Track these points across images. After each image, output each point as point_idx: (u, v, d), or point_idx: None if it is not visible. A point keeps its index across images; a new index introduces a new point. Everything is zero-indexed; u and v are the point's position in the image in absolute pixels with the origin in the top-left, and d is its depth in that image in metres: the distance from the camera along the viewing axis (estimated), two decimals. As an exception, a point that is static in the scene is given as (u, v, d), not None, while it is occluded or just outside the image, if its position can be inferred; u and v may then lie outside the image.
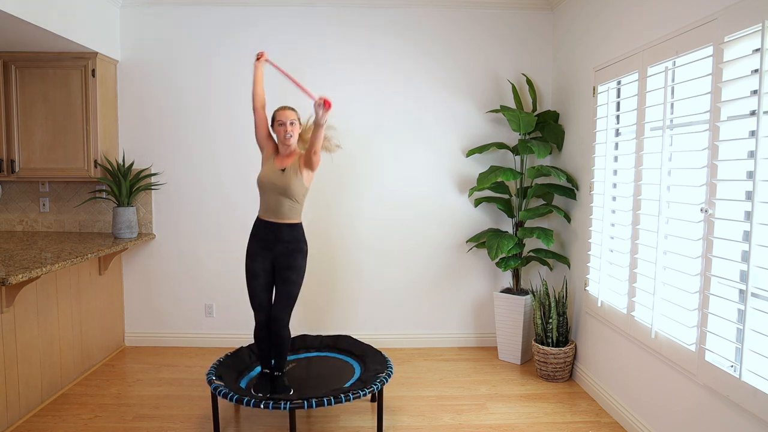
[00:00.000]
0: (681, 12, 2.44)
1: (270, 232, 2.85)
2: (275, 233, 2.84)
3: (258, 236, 2.89)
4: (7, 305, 2.77)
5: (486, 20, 4.06)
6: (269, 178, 2.83)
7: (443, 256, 4.18)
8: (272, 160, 2.89)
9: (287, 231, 2.85)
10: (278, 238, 2.84)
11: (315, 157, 2.78)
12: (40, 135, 3.75)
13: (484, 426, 2.95)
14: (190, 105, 4.04)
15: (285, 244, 2.85)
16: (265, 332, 2.91)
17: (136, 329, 4.19)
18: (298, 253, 2.87)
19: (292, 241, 2.86)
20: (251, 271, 2.87)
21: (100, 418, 3.01)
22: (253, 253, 2.89)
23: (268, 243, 2.86)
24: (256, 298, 2.89)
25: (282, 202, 2.82)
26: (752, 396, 1.96)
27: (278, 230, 2.84)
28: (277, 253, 2.85)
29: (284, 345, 2.89)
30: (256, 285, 2.88)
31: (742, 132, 2.13)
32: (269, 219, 2.86)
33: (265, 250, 2.87)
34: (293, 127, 2.84)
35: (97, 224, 4.13)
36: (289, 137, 2.83)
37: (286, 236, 2.85)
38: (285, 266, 2.84)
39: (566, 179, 3.66)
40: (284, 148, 2.89)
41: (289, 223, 2.86)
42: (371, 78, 4.05)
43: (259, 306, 2.89)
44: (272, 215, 2.85)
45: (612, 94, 3.15)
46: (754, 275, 1.99)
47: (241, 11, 3.99)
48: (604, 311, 3.16)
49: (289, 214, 2.85)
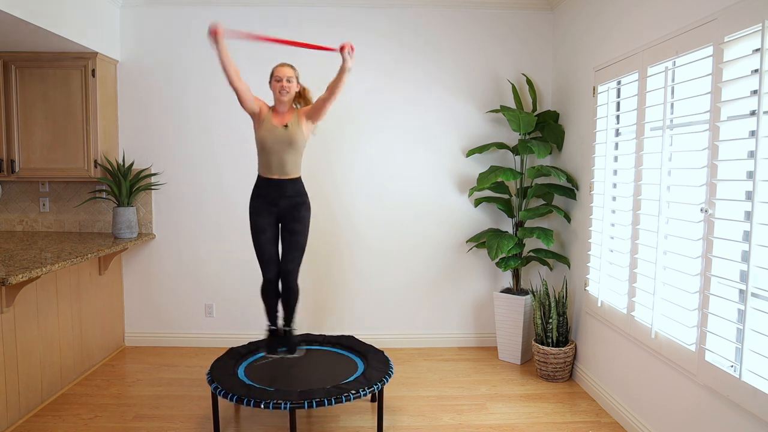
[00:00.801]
0: (681, 12, 2.44)
1: (274, 188, 2.90)
2: (280, 189, 2.90)
3: (262, 194, 2.93)
4: (7, 305, 2.77)
5: (486, 20, 4.06)
6: (273, 136, 2.85)
7: (443, 256, 4.18)
8: (269, 120, 2.88)
9: (291, 186, 2.91)
10: (282, 194, 2.90)
11: (328, 105, 2.82)
12: (40, 135, 3.75)
13: (484, 426, 2.96)
14: (190, 105, 4.04)
15: (289, 198, 2.91)
16: (272, 287, 2.98)
17: (136, 329, 4.19)
18: (302, 205, 2.95)
19: (295, 195, 2.93)
20: (258, 226, 2.93)
21: (100, 418, 3.01)
22: (258, 210, 2.94)
23: (273, 199, 2.91)
24: (265, 251, 2.94)
25: (286, 158, 2.87)
26: (752, 396, 1.96)
27: (282, 186, 2.90)
28: (282, 208, 2.92)
29: (294, 298, 2.97)
30: (263, 239, 2.93)
31: (742, 132, 2.13)
32: (273, 176, 2.90)
33: (271, 206, 2.92)
34: (290, 84, 2.87)
35: (97, 224, 4.13)
36: (284, 93, 2.85)
37: (290, 191, 2.91)
38: (291, 218, 2.92)
39: (566, 179, 3.66)
40: (281, 105, 2.90)
41: (292, 178, 2.92)
42: (371, 78, 4.04)
43: (267, 259, 2.95)
44: (276, 172, 2.89)
45: (612, 94, 3.15)
46: (754, 275, 1.99)
47: (241, 11, 3.99)
48: (604, 311, 3.16)
49: (292, 168, 2.91)
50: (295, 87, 2.91)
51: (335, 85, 2.79)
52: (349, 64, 2.74)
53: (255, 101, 2.90)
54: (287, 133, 2.85)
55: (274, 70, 2.91)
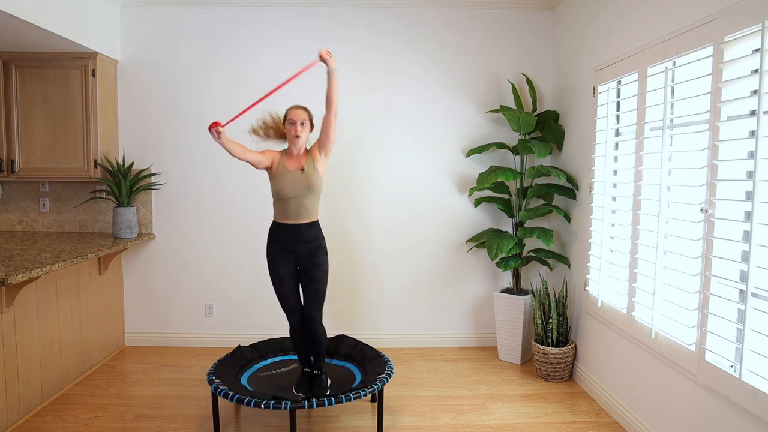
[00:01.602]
0: (681, 12, 2.44)
1: (290, 234, 2.85)
2: (295, 235, 2.84)
3: (278, 241, 2.88)
4: (7, 305, 2.77)
5: (486, 20, 4.06)
6: (290, 184, 2.80)
7: (443, 256, 4.18)
8: (284, 165, 2.84)
9: (306, 230, 2.86)
10: (299, 239, 2.85)
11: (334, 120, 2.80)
12: (40, 135, 3.75)
13: (484, 426, 2.95)
14: (190, 105, 4.04)
15: (306, 243, 2.86)
16: (300, 333, 2.97)
17: (136, 329, 4.19)
18: (319, 249, 2.89)
19: (312, 240, 2.87)
20: (277, 276, 2.89)
21: (100, 418, 3.01)
22: (275, 260, 2.88)
23: (289, 246, 2.86)
24: (287, 302, 2.92)
25: (304, 201, 2.83)
26: (752, 396, 1.96)
27: (298, 231, 2.84)
28: (299, 254, 2.86)
29: (321, 342, 2.94)
30: (284, 290, 2.90)
31: (742, 132, 2.13)
32: (289, 222, 2.85)
33: (288, 253, 2.87)
34: (303, 128, 2.83)
35: (97, 224, 4.13)
36: (299, 136, 2.82)
37: (306, 236, 2.86)
38: (310, 265, 2.87)
39: (566, 179, 3.66)
40: (294, 149, 2.87)
41: (308, 222, 2.87)
42: (371, 78, 4.05)
43: (291, 310, 2.93)
44: (293, 218, 2.84)
45: (612, 94, 3.15)
46: (754, 275, 1.99)
47: (241, 11, 3.99)
48: (604, 311, 3.16)
49: (310, 211, 2.86)
50: (308, 130, 2.87)
51: (330, 92, 2.77)
52: (333, 65, 2.75)
53: (265, 157, 2.85)
54: (304, 177, 2.80)
55: (288, 112, 2.86)
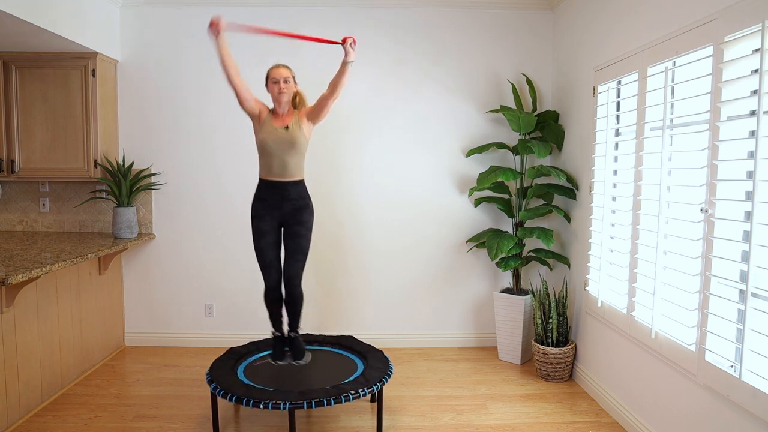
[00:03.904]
0: (681, 12, 2.44)
1: (277, 191, 2.85)
2: (282, 192, 2.85)
3: (264, 197, 2.89)
4: (7, 305, 2.77)
5: (486, 20, 4.06)
6: (274, 139, 2.81)
7: (443, 256, 4.18)
8: (269, 121, 2.85)
9: (293, 188, 2.87)
10: (285, 197, 2.85)
11: (330, 102, 2.78)
12: (40, 135, 3.75)
13: (484, 426, 2.95)
14: (190, 105, 4.05)
15: (292, 201, 2.86)
16: (276, 294, 2.93)
17: (136, 329, 4.19)
18: (305, 208, 2.89)
19: (298, 198, 2.88)
20: (259, 229, 2.88)
21: (100, 418, 3.01)
22: (260, 214, 2.89)
23: (275, 202, 2.86)
24: (266, 255, 2.89)
25: (288, 160, 2.83)
26: (752, 396, 1.96)
27: (285, 189, 2.85)
28: (284, 211, 2.87)
29: (299, 303, 2.92)
30: (264, 243, 2.88)
31: (742, 132, 2.13)
32: (274, 178, 2.85)
33: (273, 209, 2.87)
34: (287, 85, 2.82)
35: (97, 224, 4.13)
36: (283, 94, 2.81)
37: (293, 193, 2.86)
38: (294, 222, 2.87)
39: (566, 179, 3.66)
40: (279, 107, 2.86)
41: (295, 180, 2.87)
42: (371, 78, 4.04)
43: (268, 264, 2.89)
44: (278, 174, 2.84)
45: (612, 94, 3.15)
46: (754, 275, 1.99)
47: (241, 11, 3.98)
48: (604, 311, 3.16)
49: (295, 170, 2.86)
50: (292, 87, 2.87)
51: (337, 81, 2.77)
52: (351, 57, 2.72)
53: (255, 102, 2.86)
54: (288, 134, 2.81)
55: (269, 72, 2.86)
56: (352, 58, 2.73)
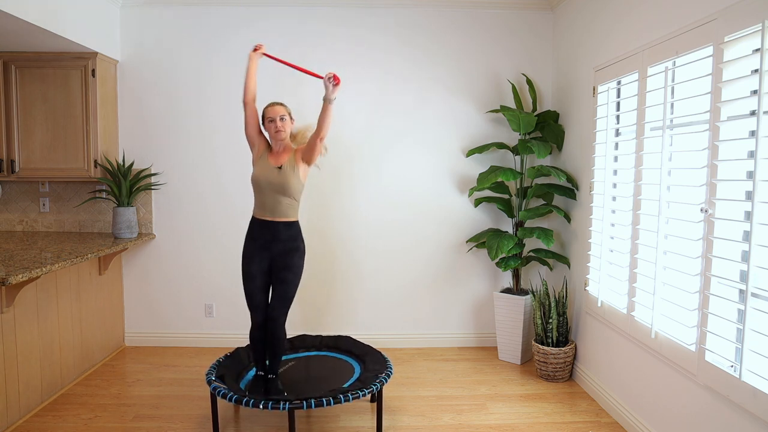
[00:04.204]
0: (681, 12, 2.44)
1: (267, 231, 2.81)
2: (272, 232, 2.81)
3: (254, 236, 2.85)
4: (7, 305, 2.77)
5: (486, 20, 4.06)
6: (266, 177, 2.79)
7: (443, 256, 4.18)
8: (266, 157, 2.84)
9: (284, 230, 2.82)
10: (275, 237, 2.81)
11: (320, 144, 2.75)
12: (40, 135, 3.75)
13: (484, 426, 2.95)
14: (190, 105, 4.04)
15: (282, 243, 2.81)
16: (261, 333, 2.90)
17: (136, 329, 4.19)
18: (295, 251, 2.83)
19: (289, 240, 2.82)
20: (248, 273, 2.85)
21: (100, 418, 3.01)
22: (249, 255, 2.85)
23: (265, 242, 2.82)
24: (253, 299, 2.86)
25: (279, 200, 2.79)
26: (752, 396, 1.96)
27: (275, 229, 2.80)
28: (274, 253, 2.82)
29: (280, 346, 2.87)
30: (252, 287, 2.85)
31: (742, 132, 2.13)
32: (266, 218, 2.81)
33: (263, 250, 2.83)
34: (283, 123, 2.81)
35: (97, 224, 4.13)
36: (280, 131, 2.79)
37: (284, 235, 2.81)
38: (282, 266, 2.81)
39: (566, 179, 3.66)
40: (276, 144, 2.86)
41: (287, 222, 2.82)
42: (371, 78, 4.05)
43: (255, 307, 2.87)
44: (269, 214, 2.81)
45: (612, 94, 3.15)
46: (754, 275, 1.99)
47: (241, 11, 3.99)
48: (604, 311, 3.16)
49: (286, 212, 2.82)
50: (289, 124, 2.84)
51: (321, 119, 2.70)
52: (332, 95, 2.64)
53: (258, 134, 2.86)
54: (280, 176, 2.77)
55: (265, 110, 2.83)
56: (333, 95, 2.64)
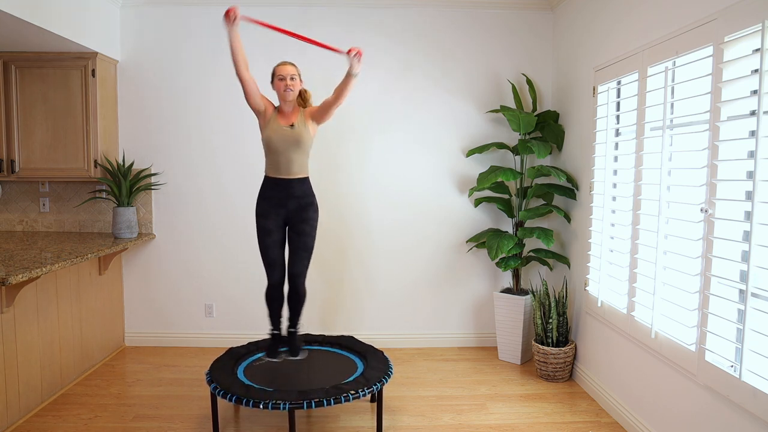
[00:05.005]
0: (681, 12, 2.44)
1: (282, 189, 2.86)
2: (287, 189, 2.86)
3: (269, 195, 2.89)
4: (7, 305, 2.77)
5: (486, 20, 4.06)
6: (279, 136, 2.81)
7: (443, 256, 4.18)
8: (275, 119, 2.85)
9: (298, 186, 2.87)
10: (290, 194, 2.86)
11: (335, 108, 2.81)
12: (40, 135, 3.75)
13: (484, 426, 2.95)
14: (190, 105, 4.04)
15: (297, 199, 2.87)
16: (278, 292, 2.94)
17: (136, 329, 4.19)
18: (310, 206, 2.91)
19: (303, 196, 2.89)
20: (264, 228, 2.88)
21: (100, 418, 3.01)
22: (265, 212, 2.89)
23: (280, 200, 2.87)
24: (270, 253, 2.90)
25: (293, 158, 2.84)
26: (752, 396, 1.96)
27: (290, 186, 2.86)
28: (290, 209, 2.88)
29: (302, 301, 2.93)
30: (269, 241, 2.89)
31: (742, 132, 2.13)
32: (280, 176, 2.86)
33: (278, 207, 2.88)
34: (293, 82, 2.83)
35: (97, 224, 4.13)
36: (289, 92, 2.81)
37: (298, 191, 2.87)
38: (299, 220, 2.88)
39: (566, 179, 3.66)
40: (285, 105, 2.87)
41: (300, 178, 2.88)
42: (371, 78, 4.04)
43: (272, 262, 2.91)
44: (284, 172, 2.85)
45: (612, 94, 3.15)
46: (754, 275, 1.99)
47: (243, 11, 3.97)
48: (604, 311, 3.16)
49: (300, 168, 2.87)
50: (298, 85, 2.87)
51: (341, 90, 2.77)
52: (356, 70, 2.71)
53: (261, 99, 2.86)
54: (294, 132, 2.82)
55: (275, 69, 2.86)
56: (357, 70, 2.71)
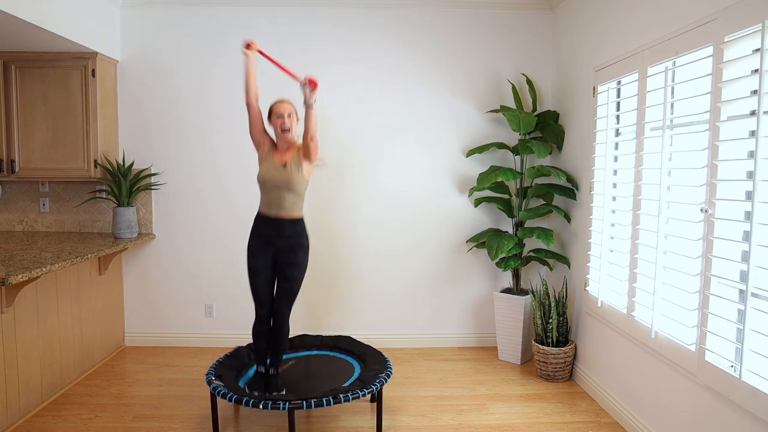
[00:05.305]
0: (681, 12, 2.44)
1: (272, 227, 2.83)
2: (277, 228, 2.83)
3: (259, 232, 2.87)
4: (7, 305, 2.77)
5: (486, 20, 4.06)
6: (271, 175, 2.81)
7: (443, 256, 4.18)
8: (271, 155, 2.86)
9: (289, 226, 2.84)
10: (280, 233, 2.83)
11: (312, 143, 2.76)
12: (40, 135, 3.75)
13: (484, 426, 2.95)
14: (190, 105, 4.04)
15: (287, 239, 2.83)
16: (264, 327, 2.91)
17: (136, 329, 4.19)
18: (299, 248, 2.86)
19: (293, 236, 2.84)
20: (253, 268, 2.87)
21: (100, 418, 3.01)
22: (254, 250, 2.87)
23: (269, 238, 2.84)
24: (258, 294, 2.88)
25: (284, 197, 2.81)
26: (752, 396, 1.96)
27: (280, 225, 2.83)
28: (278, 248, 2.84)
29: (283, 340, 2.89)
30: (258, 282, 2.87)
31: (742, 132, 2.13)
32: (271, 214, 2.84)
33: (267, 246, 2.85)
34: (291, 120, 2.82)
35: (97, 224, 4.13)
36: (287, 130, 2.81)
37: (288, 231, 2.83)
38: (287, 262, 2.83)
39: (566, 179, 3.66)
40: (282, 143, 2.87)
41: (291, 218, 2.84)
42: (371, 78, 4.04)
43: (261, 302, 2.89)
44: (274, 210, 2.83)
45: (612, 94, 3.15)
46: (754, 275, 1.99)
47: (241, 11, 3.99)
48: (604, 311, 3.16)
49: (291, 208, 2.83)
50: (295, 123, 2.85)
51: (306, 126, 2.73)
52: (310, 100, 2.67)
53: (262, 134, 2.88)
54: (285, 173, 2.79)
55: (272, 106, 2.85)
56: (312, 100, 2.68)
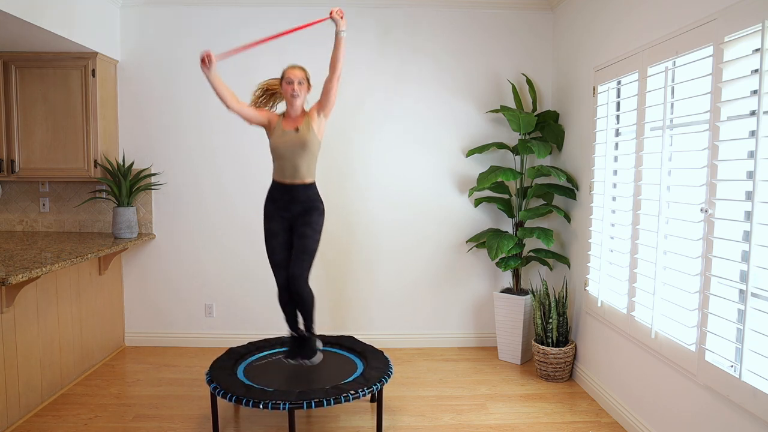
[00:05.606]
0: (681, 12, 2.44)
1: (286, 193, 2.87)
2: (291, 194, 2.87)
3: (274, 197, 2.91)
4: (7, 305, 2.77)
5: (486, 20, 4.06)
6: (283, 141, 2.82)
7: (443, 256, 4.18)
8: (280, 125, 2.87)
9: (303, 191, 2.87)
10: (294, 199, 2.87)
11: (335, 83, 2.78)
12: (40, 135, 3.75)
13: (484, 426, 2.95)
14: (190, 105, 4.04)
15: (301, 203, 2.88)
16: (288, 295, 2.94)
17: (136, 329, 4.19)
18: (314, 210, 2.90)
19: (307, 201, 2.89)
20: (269, 230, 2.91)
21: (100, 418, 3.01)
22: (270, 215, 2.92)
23: (285, 203, 2.88)
24: (276, 255, 2.92)
25: (299, 162, 2.83)
26: (752, 396, 1.96)
27: (294, 191, 2.86)
28: (294, 213, 2.89)
29: (307, 303, 2.91)
30: (275, 243, 2.91)
31: (742, 132, 2.13)
32: (285, 181, 2.87)
33: (283, 211, 2.89)
34: (301, 87, 2.83)
35: (97, 224, 4.13)
36: (296, 96, 2.82)
37: (302, 196, 2.87)
38: (302, 222, 2.88)
39: (566, 179, 3.66)
40: (291, 109, 2.87)
41: (305, 184, 2.87)
42: (371, 78, 4.05)
43: (278, 265, 2.92)
44: (289, 177, 2.86)
45: (612, 94, 3.15)
46: (754, 275, 1.99)
47: (241, 11, 3.99)
48: (604, 311, 3.16)
49: (306, 173, 2.86)
50: (306, 90, 2.87)
51: (335, 56, 2.77)
52: (342, 26, 2.74)
53: (261, 114, 2.89)
54: (299, 136, 2.81)
55: (284, 72, 2.86)
56: (344, 27, 2.75)
